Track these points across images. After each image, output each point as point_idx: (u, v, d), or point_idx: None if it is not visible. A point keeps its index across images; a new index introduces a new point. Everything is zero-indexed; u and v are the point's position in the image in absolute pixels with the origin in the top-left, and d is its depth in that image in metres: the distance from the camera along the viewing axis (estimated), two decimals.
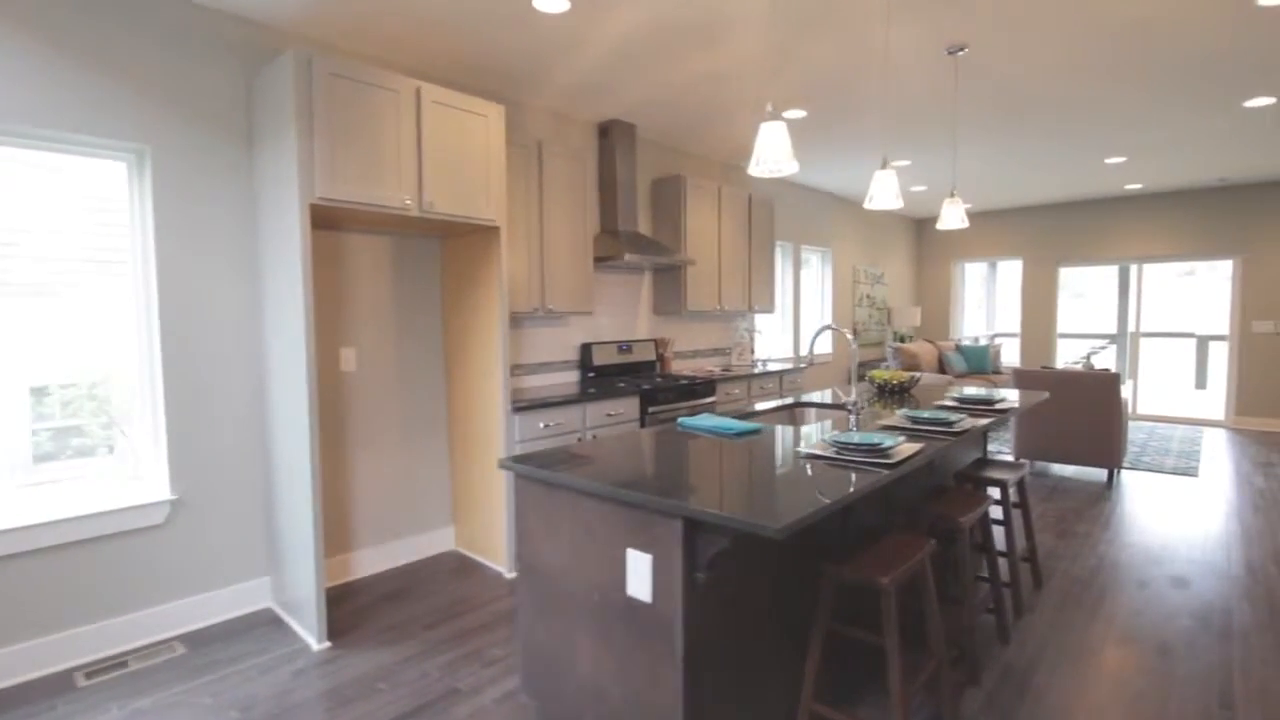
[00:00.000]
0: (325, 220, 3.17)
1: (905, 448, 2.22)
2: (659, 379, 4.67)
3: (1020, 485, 3.35)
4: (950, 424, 2.62)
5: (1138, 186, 7.63)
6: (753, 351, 6.25)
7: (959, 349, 8.38)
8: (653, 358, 5.15)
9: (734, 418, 3.12)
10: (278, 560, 3.13)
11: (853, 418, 2.85)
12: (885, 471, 1.96)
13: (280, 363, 2.94)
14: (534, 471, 2.06)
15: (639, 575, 1.80)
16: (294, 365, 2.81)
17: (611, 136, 4.71)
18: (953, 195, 3.68)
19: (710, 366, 5.65)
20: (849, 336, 2.78)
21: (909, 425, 2.66)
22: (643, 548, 1.79)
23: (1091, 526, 4.28)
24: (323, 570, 2.80)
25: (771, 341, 7.06)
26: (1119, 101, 4.44)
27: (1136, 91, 4.24)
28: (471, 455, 3.75)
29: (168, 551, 2.94)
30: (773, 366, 5.75)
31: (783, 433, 2.61)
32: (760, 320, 6.78)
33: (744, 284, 5.80)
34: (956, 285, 9.97)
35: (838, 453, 2.16)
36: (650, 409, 4.27)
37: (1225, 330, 7.89)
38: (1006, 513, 3.07)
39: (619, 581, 1.86)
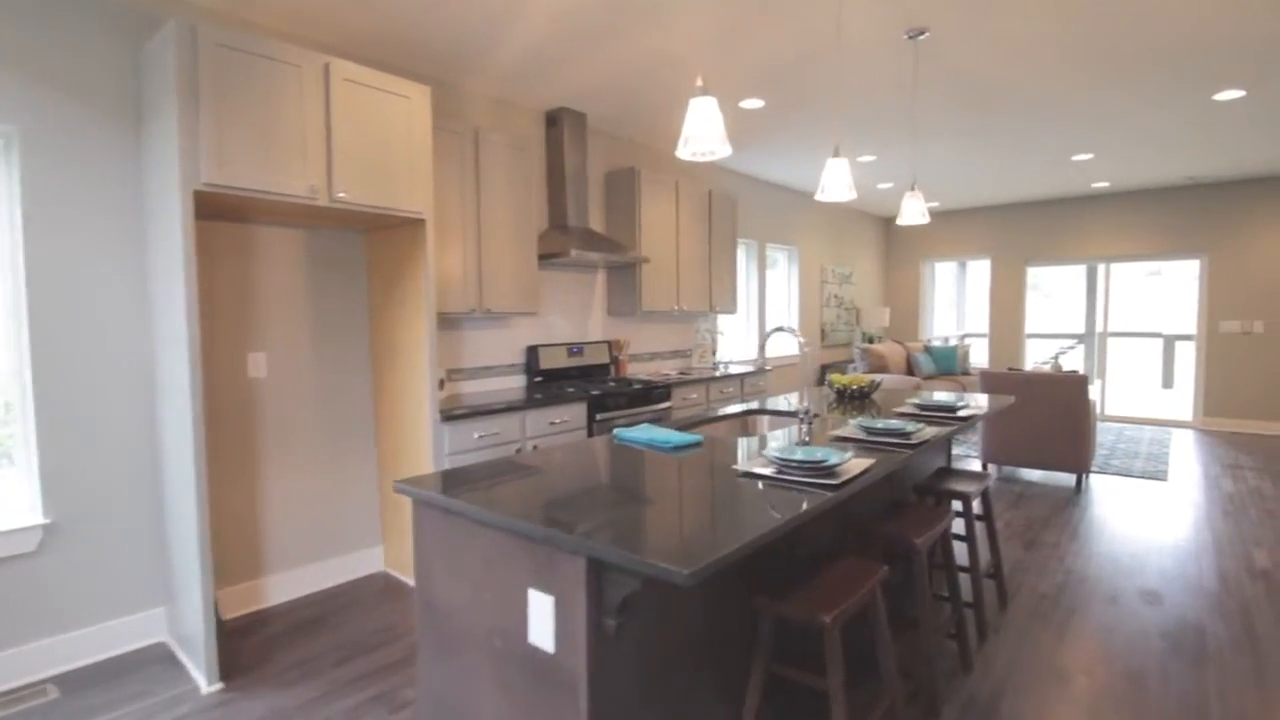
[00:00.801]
0: (226, 210, 2.87)
1: (854, 464, 1.99)
2: (611, 383, 4.41)
3: (984, 497, 3.15)
4: (907, 435, 2.40)
5: (1105, 185, 7.54)
6: (714, 354, 6.02)
7: (928, 350, 8.24)
8: (606, 360, 4.88)
9: (677, 428, 2.87)
10: (172, 590, 2.81)
11: (804, 428, 2.62)
12: (829, 494, 1.72)
13: (169, 370, 2.63)
14: (429, 496, 1.79)
15: (541, 620, 1.53)
16: (179, 372, 2.50)
17: (560, 126, 4.43)
18: (913, 189, 3.47)
19: (667, 370, 5.41)
20: (799, 340, 2.55)
21: (862, 436, 2.43)
22: (545, 589, 1.53)
23: (1060, 536, 4.10)
24: (211, 602, 2.49)
25: (735, 343, 6.84)
26: (1086, 94, 4.28)
27: (1104, 83, 4.08)
28: (401, 469, 3.45)
29: (42, 582, 2.60)
30: (735, 369, 5.52)
31: (724, 446, 2.37)
32: (724, 321, 6.55)
33: (704, 283, 5.56)
34: (926, 285, 9.86)
35: (778, 471, 1.92)
36: (599, 416, 4.00)
37: (1192, 330, 7.85)
38: (969, 528, 2.86)
39: (521, 626, 1.60)
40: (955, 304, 10.02)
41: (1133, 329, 8.48)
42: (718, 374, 5.15)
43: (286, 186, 2.60)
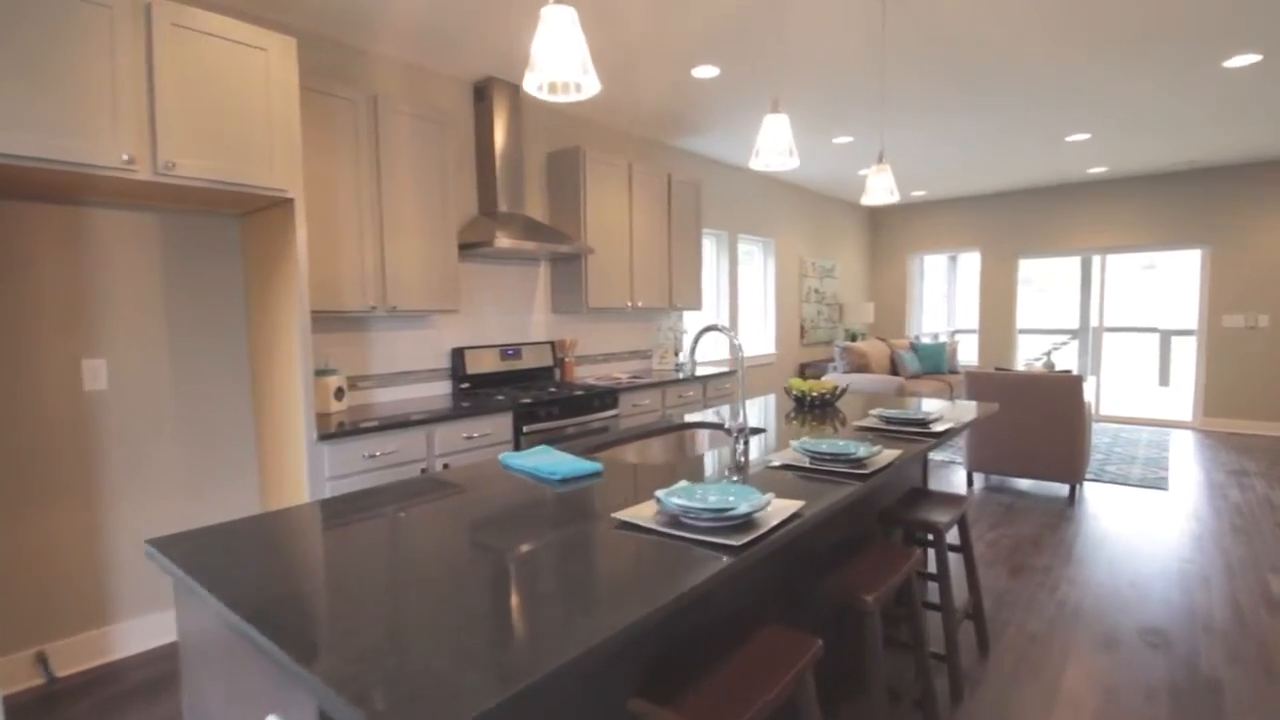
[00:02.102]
0: (35, 188, 2.36)
1: (777, 508, 1.50)
2: (551, 389, 3.92)
3: (961, 524, 2.67)
4: (860, 460, 1.91)
5: (1101, 170, 7.06)
6: (677, 354, 5.53)
7: (913, 347, 7.76)
8: (549, 363, 4.39)
9: (593, 449, 2.38)
10: None
11: (738, 448, 2.14)
12: (723, 558, 1.24)
13: None
14: (169, 567, 1.30)
15: None
16: None
17: (489, 98, 3.93)
18: (880, 160, 2.98)
19: (619, 373, 4.91)
20: (733, 340, 2.07)
21: (803, 463, 1.95)
22: (285, 717, 1.04)
23: (1052, 559, 3.63)
24: None
25: (704, 342, 6.35)
26: (1080, 62, 3.79)
27: (1100, 49, 3.59)
28: (287, 494, 2.95)
29: None
30: (702, 371, 5.03)
31: (626, 477, 1.88)
32: (691, 319, 6.05)
33: (663, 277, 5.06)
34: (914, 280, 9.37)
35: (670, 522, 1.43)
36: (527, 428, 3.51)
37: (1191, 325, 7.39)
38: (941, 565, 2.38)
39: None
40: (946, 299, 9.54)
41: (1128, 324, 8.03)
42: (680, 376, 4.66)
43: (91, 155, 2.10)
